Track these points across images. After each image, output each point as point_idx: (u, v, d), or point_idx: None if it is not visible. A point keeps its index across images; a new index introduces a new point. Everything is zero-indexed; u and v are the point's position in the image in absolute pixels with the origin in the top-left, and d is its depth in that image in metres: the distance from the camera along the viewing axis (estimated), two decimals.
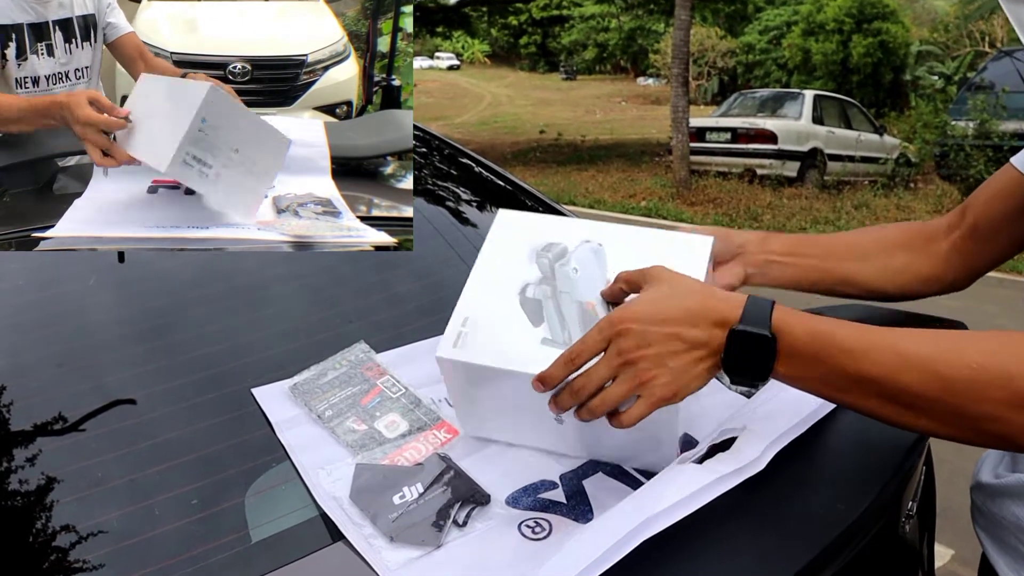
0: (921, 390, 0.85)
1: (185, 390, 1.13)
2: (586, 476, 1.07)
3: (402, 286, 1.49)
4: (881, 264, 1.32)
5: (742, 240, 1.28)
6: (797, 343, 0.90)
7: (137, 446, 1.03)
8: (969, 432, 0.86)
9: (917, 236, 1.34)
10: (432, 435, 1.12)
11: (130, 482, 0.99)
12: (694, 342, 0.91)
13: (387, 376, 1.20)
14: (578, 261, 1.06)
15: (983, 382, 0.83)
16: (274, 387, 1.16)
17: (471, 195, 1.94)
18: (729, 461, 0.95)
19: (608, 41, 43.37)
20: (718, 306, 0.92)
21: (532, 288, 1.05)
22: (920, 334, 0.89)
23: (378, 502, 0.97)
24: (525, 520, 0.98)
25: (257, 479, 1.03)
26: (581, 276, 1.04)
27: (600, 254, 1.07)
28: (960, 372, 0.83)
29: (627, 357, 0.92)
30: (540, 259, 1.07)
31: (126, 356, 1.18)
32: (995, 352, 0.84)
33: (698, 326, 0.91)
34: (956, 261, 1.31)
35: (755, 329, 0.90)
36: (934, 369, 0.85)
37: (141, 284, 1.35)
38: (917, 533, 1.27)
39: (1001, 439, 0.85)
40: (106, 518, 0.93)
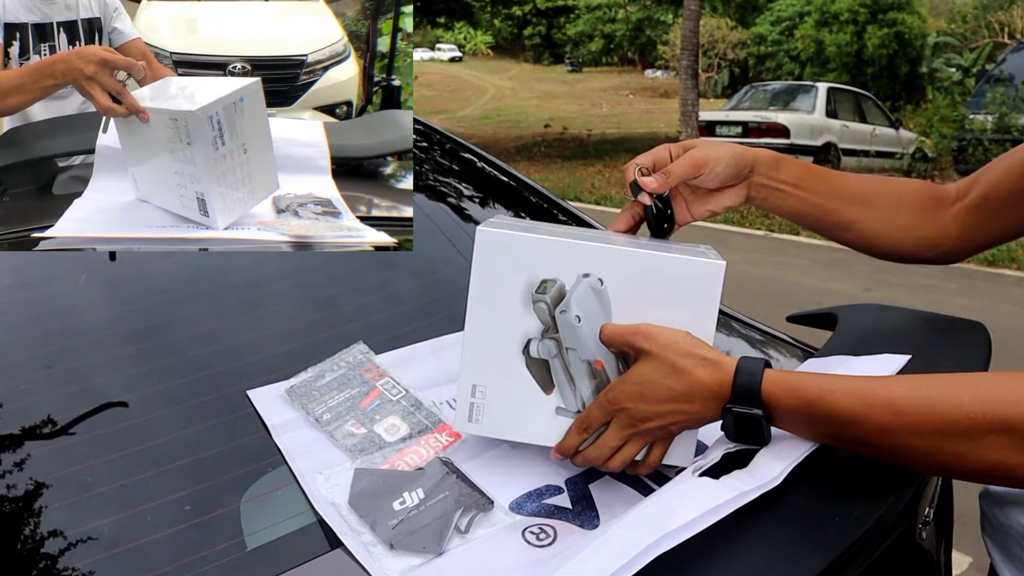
0: (921, 446, 0.88)
1: (178, 392, 1.13)
2: (593, 480, 1.07)
3: (402, 284, 1.49)
4: (886, 219, 1.30)
5: (752, 160, 1.23)
6: (791, 413, 0.95)
7: (128, 450, 1.03)
8: (977, 475, 0.89)
9: (928, 198, 1.32)
10: (433, 439, 1.12)
11: (121, 487, 0.98)
12: (692, 414, 0.99)
13: (387, 378, 1.20)
14: (579, 306, 1.02)
15: (983, 431, 0.84)
16: (270, 389, 1.15)
17: (473, 191, 1.93)
18: (748, 479, 0.94)
19: (615, 32, 43.33)
20: (707, 383, 0.97)
21: (536, 345, 1.04)
22: (915, 384, 0.91)
23: (378, 508, 0.97)
24: (529, 526, 0.98)
25: (252, 484, 1.03)
26: (585, 325, 1.03)
27: (602, 294, 1.03)
28: (959, 425, 0.85)
29: (631, 430, 1.00)
30: (537, 304, 1.03)
31: (117, 357, 1.17)
32: (990, 400, 0.85)
33: (692, 402, 0.97)
34: (955, 231, 1.30)
35: (746, 410, 0.95)
36: (932, 426, 0.87)
37: (133, 283, 1.34)
38: (934, 540, 1.26)
39: (1011, 480, 0.88)
40: (96, 524, 0.93)
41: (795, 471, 0.96)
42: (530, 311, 1.03)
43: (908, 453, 0.90)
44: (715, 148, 1.19)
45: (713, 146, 1.19)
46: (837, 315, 1.41)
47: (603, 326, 1.02)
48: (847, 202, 1.28)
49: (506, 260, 1.03)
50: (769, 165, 1.23)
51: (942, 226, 1.30)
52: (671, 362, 0.97)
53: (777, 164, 1.24)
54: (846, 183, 1.30)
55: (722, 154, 1.18)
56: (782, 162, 1.25)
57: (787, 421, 0.96)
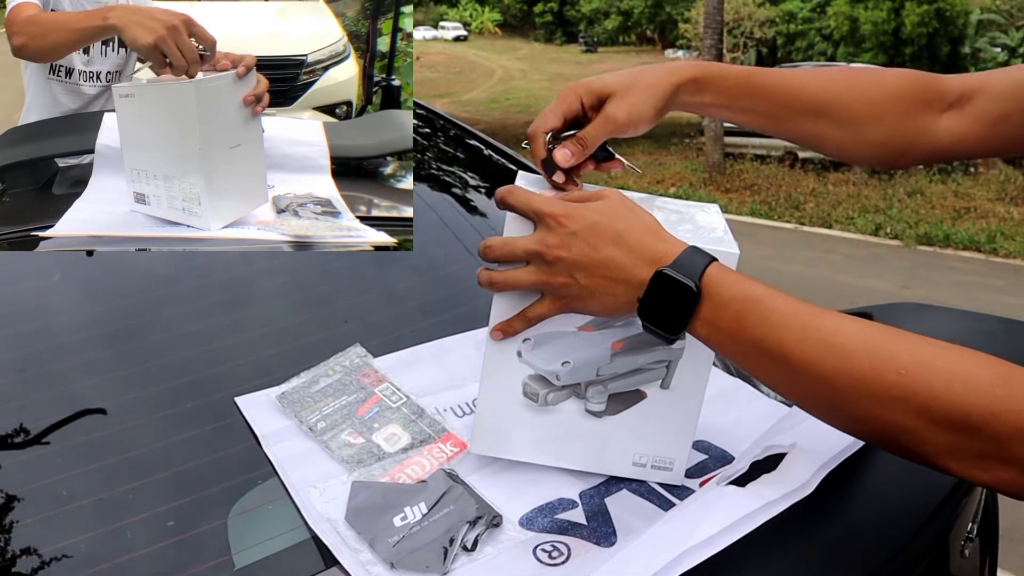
0: (841, 385, 0.86)
1: (161, 398, 1.13)
2: (609, 494, 1.07)
3: (403, 282, 1.49)
4: (853, 134, 1.22)
5: (674, 92, 1.14)
6: (723, 305, 0.92)
7: (107, 461, 1.03)
8: (876, 436, 0.88)
9: (914, 100, 1.22)
10: (437, 449, 1.12)
11: (99, 501, 0.98)
12: (616, 267, 0.95)
13: (386, 383, 1.20)
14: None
15: (907, 392, 0.82)
16: (260, 396, 1.15)
17: (480, 181, 1.93)
18: (776, 485, 0.93)
19: (633, 8, 43.30)
20: (655, 245, 0.95)
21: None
22: (860, 325, 0.88)
23: (377, 524, 0.97)
24: (541, 543, 0.97)
25: (241, 498, 1.02)
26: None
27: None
28: (886, 376, 0.83)
29: (544, 249, 0.97)
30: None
31: (95, 360, 1.17)
32: (925, 363, 0.83)
33: (628, 254, 0.95)
34: (946, 141, 1.22)
35: (681, 277, 0.92)
36: (858, 367, 0.85)
37: (112, 280, 1.34)
38: (978, 558, 1.26)
39: (909, 451, 0.85)
40: (72, 541, 0.93)
41: (825, 480, 0.95)
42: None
43: (819, 390, 0.88)
44: (634, 96, 1.11)
45: (632, 93, 1.11)
46: (872, 315, 1.41)
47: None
48: (800, 114, 1.21)
49: None
50: (692, 91, 1.16)
51: (929, 136, 1.22)
52: (637, 215, 0.98)
53: (701, 87, 1.16)
54: (797, 92, 1.20)
55: (643, 107, 1.11)
56: (709, 83, 1.17)
57: (713, 316, 0.92)
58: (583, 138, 1.09)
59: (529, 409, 1.08)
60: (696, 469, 1.13)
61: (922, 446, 0.83)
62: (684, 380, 1.07)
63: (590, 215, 0.97)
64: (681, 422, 1.09)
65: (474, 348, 1.27)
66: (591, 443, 1.10)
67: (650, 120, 1.12)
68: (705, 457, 1.16)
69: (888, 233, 9.62)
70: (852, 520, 0.96)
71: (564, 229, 0.96)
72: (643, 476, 1.10)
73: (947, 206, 11.06)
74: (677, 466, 1.10)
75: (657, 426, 1.09)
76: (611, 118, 1.10)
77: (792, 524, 0.92)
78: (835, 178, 12.68)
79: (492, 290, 1.02)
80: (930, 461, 0.84)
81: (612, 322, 1.05)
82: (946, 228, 9.40)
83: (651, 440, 1.09)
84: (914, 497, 0.99)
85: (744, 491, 0.93)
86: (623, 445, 1.09)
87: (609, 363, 1.06)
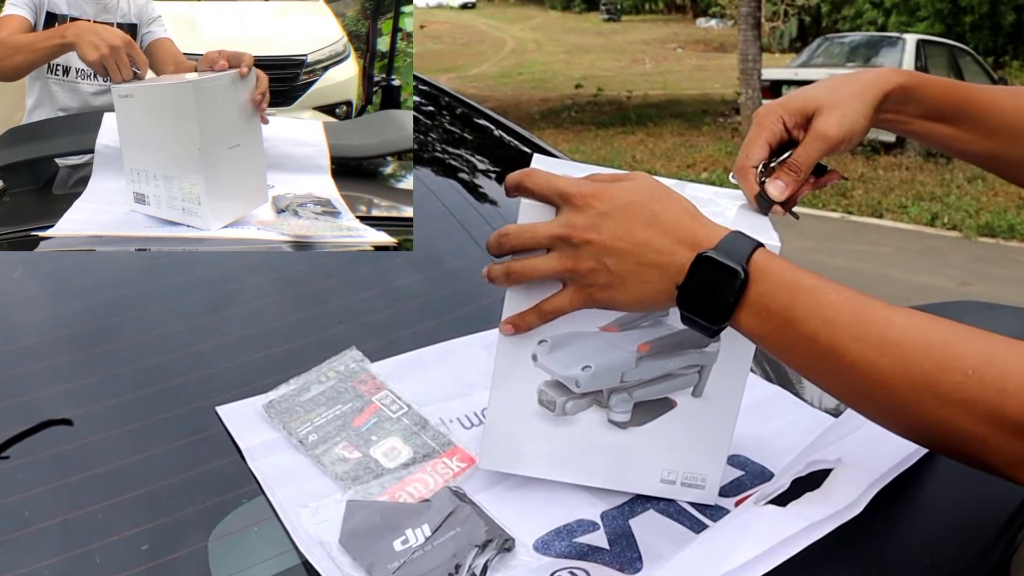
0: (899, 386, 0.85)
1: (134, 408, 1.13)
2: (634, 515, 1.07)
3: (403, 279, 1.49)
4: None
5: (882, 102, 1.16)
6: (771, 292, 0.91)
7: (73, 478, 1.03)
8: (938, 442, 0.88)
9: None
10: (442, 464, 1.12)
11: (64, 522, 0.98)
12: (652, 250, 0.94)
13: (385, 391, 1.20)
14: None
15: (974, 394, 0.82)
16: (244, 405, 1.16)
17: (489, 166, 1.93)
18: (821, 504, 0.93)
19: None
20: (694, 227, 0.95)
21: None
22: (921, 319, 0.88)
23: (375, 548, 0.97)
24: (558, 570, 0.97)
25: (223, 519, 1.02)
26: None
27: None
28: (951, 377, 0.83)
29: (572, 232, 0.96)
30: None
31: (60, 365, 1.18)
32: (996, 363, 0.82)
33: (665, 237, 0.94)
34: None
35: (726, 260, 0.91)
36: (919, 366, 0.84)
37: (79, 276, 1.35)
38: None
39: (975, 460, 0.85)
40: (35, 567, 0.93)
41: (874, 497, 0.95)
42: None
43: (877, 393, 0.87)
44: (844, 107, 1.13)
45: (840, 104, 1.13)
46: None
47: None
48: (988, 135, 1.24)
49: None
50: (899, 99, 1.19)
51: None
52: (673, 196, 0.98)
53: (908, 97, 1.19)
54: (993, 113, 1.24)
55: (855, 118, 1.12)
56: (916, 91, 1.20)
57: (760, 306, 0.91)
58: (796, 163, 1.10)
59: (545, 419, 1.08)
60: (731, 487, 1.13)
61: (990, 455, 0.83)
62: (718, 387, 1.06)
63: (623, 194, 0.96)
64: (715, 434, 1.08)
65: (483, 351, 1.27)
66: (614, 458, 1.09)
67: (863, 132, 1.14)
68: (741, 473, 1.16)
69: (945, 223, 9.58)
70: (904, 541, 0.96)
71: (594, 210, 0.95)
72: (672, 495, 1.10)
73: (1011, 193, 10.99)
74: (710, 483, 1.10)
75: (688, 439, 1.08)
76: (823, 135, 1.11)
77: (837, 547, 0.91)
78: (887, 162, 12.63)
79: (508, 283, 1.01)
80: (999, 471, 0.83)
81: (638, 322, 1.05)
82: (1010, 218, 9.34)
83: (681, 454, 1.09)
84: (975, 515, 0.99)
85: (785, 511, 0.93)
86: (650, 460, 1.09)
87: (635, 368, 1.05)
